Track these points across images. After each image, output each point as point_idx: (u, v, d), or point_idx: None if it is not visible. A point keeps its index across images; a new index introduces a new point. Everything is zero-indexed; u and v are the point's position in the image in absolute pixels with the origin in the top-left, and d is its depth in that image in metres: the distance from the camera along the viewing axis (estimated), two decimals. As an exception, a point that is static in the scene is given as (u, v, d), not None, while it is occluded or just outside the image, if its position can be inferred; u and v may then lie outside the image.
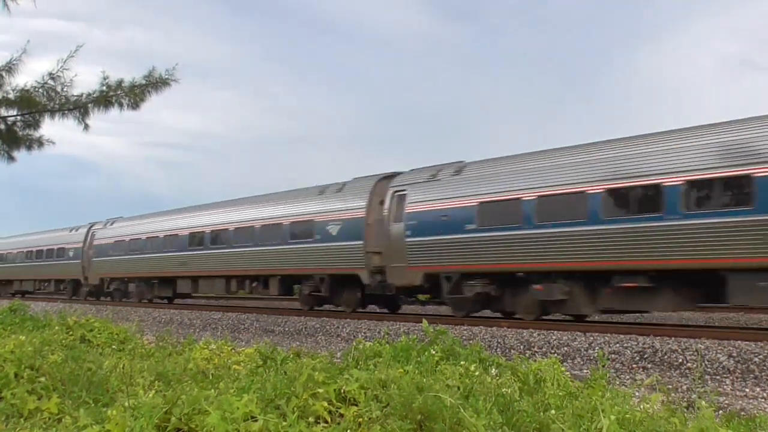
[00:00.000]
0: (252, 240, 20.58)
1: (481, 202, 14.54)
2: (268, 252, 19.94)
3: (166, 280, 25.60)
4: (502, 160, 15.30)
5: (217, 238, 22.45)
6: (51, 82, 11.69)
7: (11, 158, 12.85)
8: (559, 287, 13.19)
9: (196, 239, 23.48)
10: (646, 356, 10.06)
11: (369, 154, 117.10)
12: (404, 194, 16.36)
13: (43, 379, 5.51)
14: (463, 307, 15.29)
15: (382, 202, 16.92)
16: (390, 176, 17.54)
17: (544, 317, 14.33)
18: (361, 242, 16.97)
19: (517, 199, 13.89)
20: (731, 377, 9.00)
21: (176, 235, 24.54)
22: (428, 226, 15.38)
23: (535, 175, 13.95)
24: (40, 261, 34.33)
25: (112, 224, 29.76)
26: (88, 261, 30.12)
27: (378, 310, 18.59)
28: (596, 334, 11.61)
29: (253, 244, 20.53)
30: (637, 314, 17.38)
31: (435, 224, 15.22)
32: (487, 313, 15.77)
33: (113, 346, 8.75)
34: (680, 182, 11.38)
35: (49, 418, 4.79)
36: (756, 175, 10.50)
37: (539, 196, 13.54)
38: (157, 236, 25.69)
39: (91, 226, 30.88)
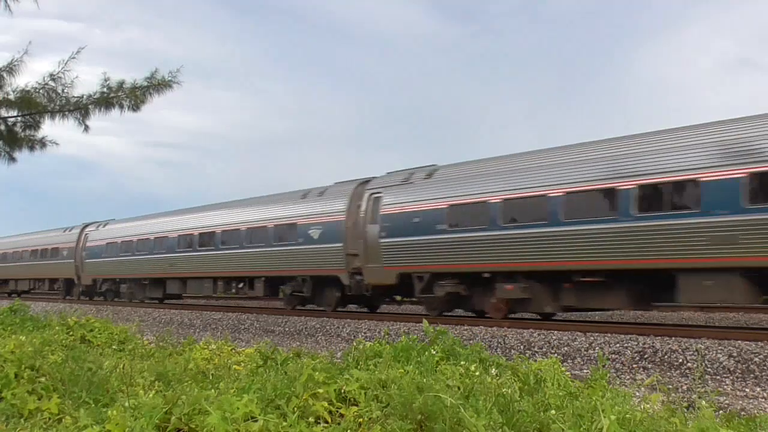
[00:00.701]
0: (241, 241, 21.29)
1: (451, 205, 14.84)
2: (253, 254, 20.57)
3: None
4: (471, 164, 15.57)
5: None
6: (51, 83, 11.72)
7: (12, 159, 12.87)
8: (521, 286, 13.51)
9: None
10: (646, 356, 10.05)
11: (369, 153, 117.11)
12: (379, 196, 16.69)
13: (43, 379, 5.51)
14: (436, 306, 15.47)
15: (359, 206, 17.38)
16: (367, 180, 17.97)
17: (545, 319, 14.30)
18: (340, 244, 17.50)
19: (484, 202, 14.15)
20: (731, 377, 8.99)
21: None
22: (401, 228, 15.77)
23: (500, 178, 14.15)
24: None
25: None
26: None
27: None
28: (596, 334, 11.61)
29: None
30: (638, 314, 17.42)
31: (407, 225, 15.61)
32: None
33: (113, 347, 8.76)
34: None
35: (49, 419, 4.79)
36: None
37: (504, 199, 13.78)
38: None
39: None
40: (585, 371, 9.39)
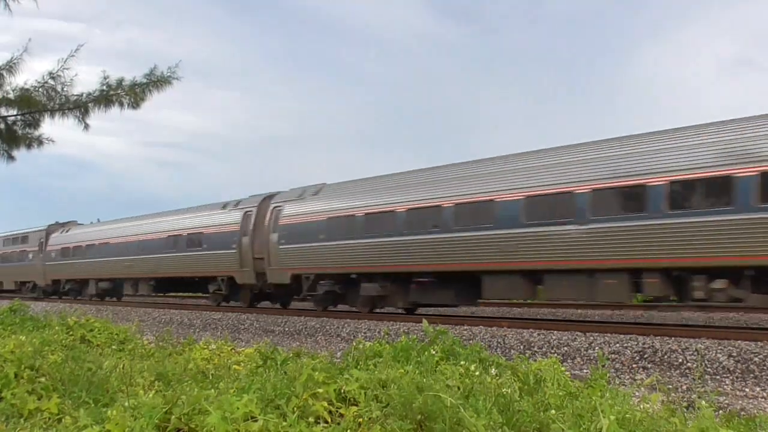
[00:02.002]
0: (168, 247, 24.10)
1: (329, 217, 17.68)
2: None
3: None
4: (350, 183, 18.39)
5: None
6: (51, 81, 11.69)
7: (11, 158, 12.85)
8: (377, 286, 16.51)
9: None
10: (646, 356, 10.05)
11: (369, 153, 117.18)
12: (280, 209, 19.49)
13: (43, 379, 5.51)
14: (321, 303, 18.42)
15: (264, 216, 20.08)
16: (272, 195, 20.62)
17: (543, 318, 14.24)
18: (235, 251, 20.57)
19: (353, 215, 16.88)
20: (731, 377, 8.99)
21: None
22: (295, 236, 18.55)
23: (365, 195, 16.94)
24: None
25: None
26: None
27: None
28: (596, 334, 11.61)
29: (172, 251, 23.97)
30: (638, 314, 17.40)
31: (299, 234, 18.46)
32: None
33: (113, 347, 8.75)
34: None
35: (49, 419, 4.79)
36: None
37: (366, 213, 16.54)
38: None
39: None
40: (585, 371, 9.39)
